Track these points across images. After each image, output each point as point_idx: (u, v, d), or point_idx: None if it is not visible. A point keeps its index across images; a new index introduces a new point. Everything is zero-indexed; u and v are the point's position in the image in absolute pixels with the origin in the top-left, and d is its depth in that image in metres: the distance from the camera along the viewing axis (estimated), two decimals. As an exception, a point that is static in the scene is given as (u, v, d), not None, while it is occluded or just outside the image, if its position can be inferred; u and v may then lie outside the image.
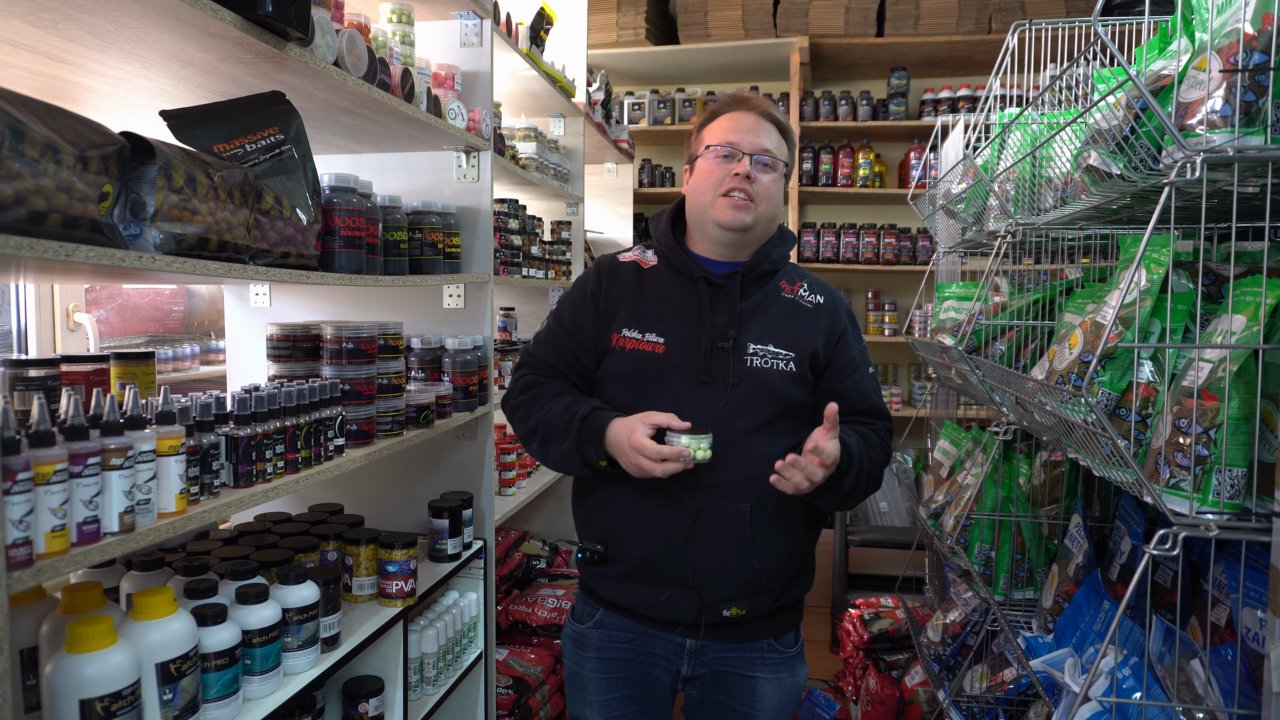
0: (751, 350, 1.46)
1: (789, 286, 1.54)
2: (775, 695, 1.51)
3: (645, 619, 1.51)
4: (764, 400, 1.44)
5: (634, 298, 1.52)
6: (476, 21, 2.10)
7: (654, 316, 1.49)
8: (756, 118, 1.49)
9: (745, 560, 1.43)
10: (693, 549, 1.43)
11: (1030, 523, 1.87)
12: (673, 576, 1.45)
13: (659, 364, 1.46)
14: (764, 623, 1.50)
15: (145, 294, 2.28)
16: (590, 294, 1.54)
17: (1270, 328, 1.07)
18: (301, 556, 1.57)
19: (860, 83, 4.61)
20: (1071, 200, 1.42)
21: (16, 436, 0.89)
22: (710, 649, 1.50)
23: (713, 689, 1.52)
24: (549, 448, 1.47)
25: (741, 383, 1.44)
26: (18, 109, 0.84)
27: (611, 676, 1.53)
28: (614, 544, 1.49)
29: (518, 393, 1.55)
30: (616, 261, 1.58)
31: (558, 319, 1.58)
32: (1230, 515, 1.05)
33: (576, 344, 1.53)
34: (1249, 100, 1.00)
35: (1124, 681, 1.22)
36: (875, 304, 4.38)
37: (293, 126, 1.38)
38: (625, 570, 1.49)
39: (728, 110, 1.51)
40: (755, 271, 1.51)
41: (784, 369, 1.47)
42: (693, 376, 1.44)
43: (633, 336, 1.48)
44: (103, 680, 1.01)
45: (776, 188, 1.50)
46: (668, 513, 1.43)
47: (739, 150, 1.46)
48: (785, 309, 1.52)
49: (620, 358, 1.49)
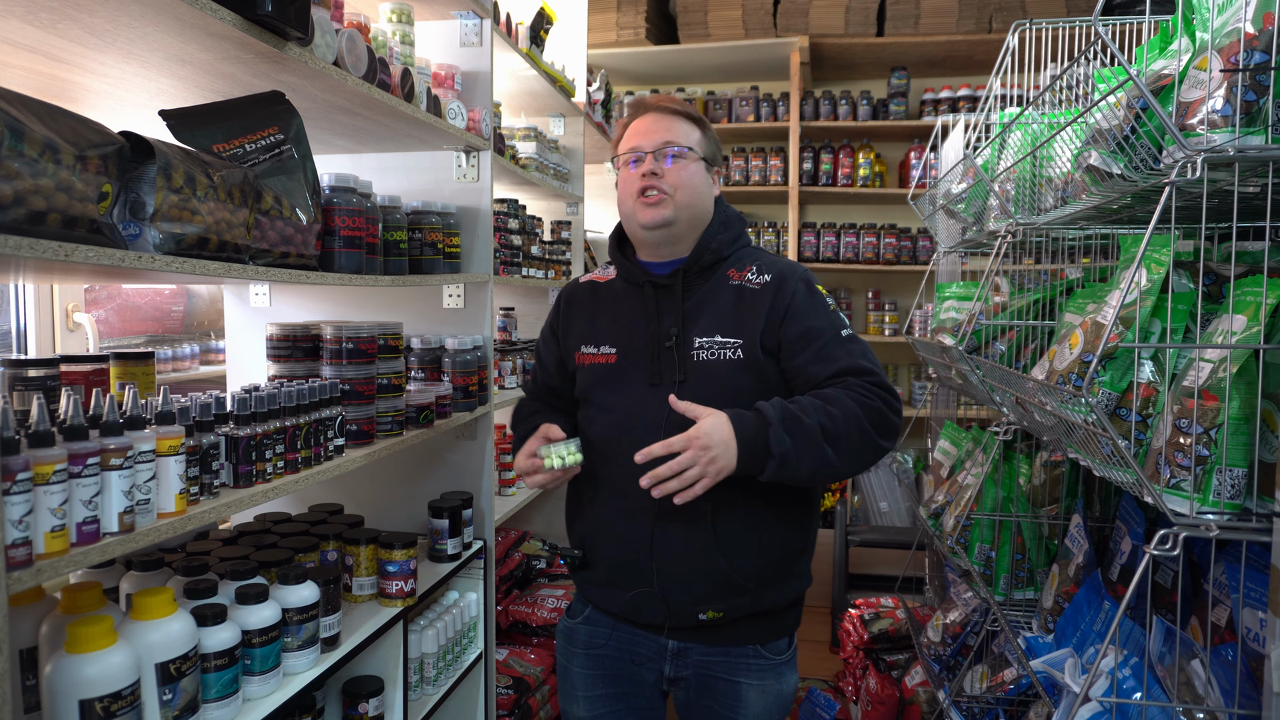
0: (698, 344, 1.44)
1: (737, 273, 1.50)
2: (760, 702, 1.48)
3: (626, 620, 1.52)
4: (713, 393, 1.39)
5: (589, 315, 1.58)
6: (476, 21, 2.10)
7: (608, 329, 1.53)
8: (655, 115, 1.50)
9: (712, 560, 1.41)
10: (657, 551, 1.42)
11: (1030, 523, 1.87)
12: (642, 579, 1.45)
13: (614, 373, 1.49)
14: (747, 626, 1.47)
15: (145, 294, 2.28)
16: (550, 326, 1.65)
17: (1271, 328, 1.07)
18: (301, 556, 1.57)
19: (860, 82, 4.61)
20: (1072, 200, 1.42)
21: (16, 436, 0.89)
22: (693, 651, 1.49)
23: (698, 692, 1.50)
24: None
25: (689, 378, 1.43)
26: (17, 109, 0.84)
27: (598, 673, 1.54)
28: (590, 549, 1.52)
29: (514, 420, 1.68)
30: (576, 284, 1.66)
31: (536, 352, 1.70)
32: (1231, 515, 1.05)
33: (548, 375, 1.64)
34: (1250, 100, 1.00)
35: (1124, 682, 1.22)
36: (875, 304, 4.38)
37: (292, 126, 1.38)
38: (602, 575, 1.51)
39: (631, 119, 1.54)
40: (698, 264, 1.49)
41: (731, 358, 1.42)
42: (643, 379, 1.46)
43: (590, 352, 1.54)
44: (102, 680, 1.01)
45: (691, 174, 1.47)
46: (632, 516, 1.44)
47: (642, 150, 1.47)
48: (731, 296, 1.47)
49: (584, 374, 1.54)
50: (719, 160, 1.57)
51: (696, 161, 1.49)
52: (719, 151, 1.57)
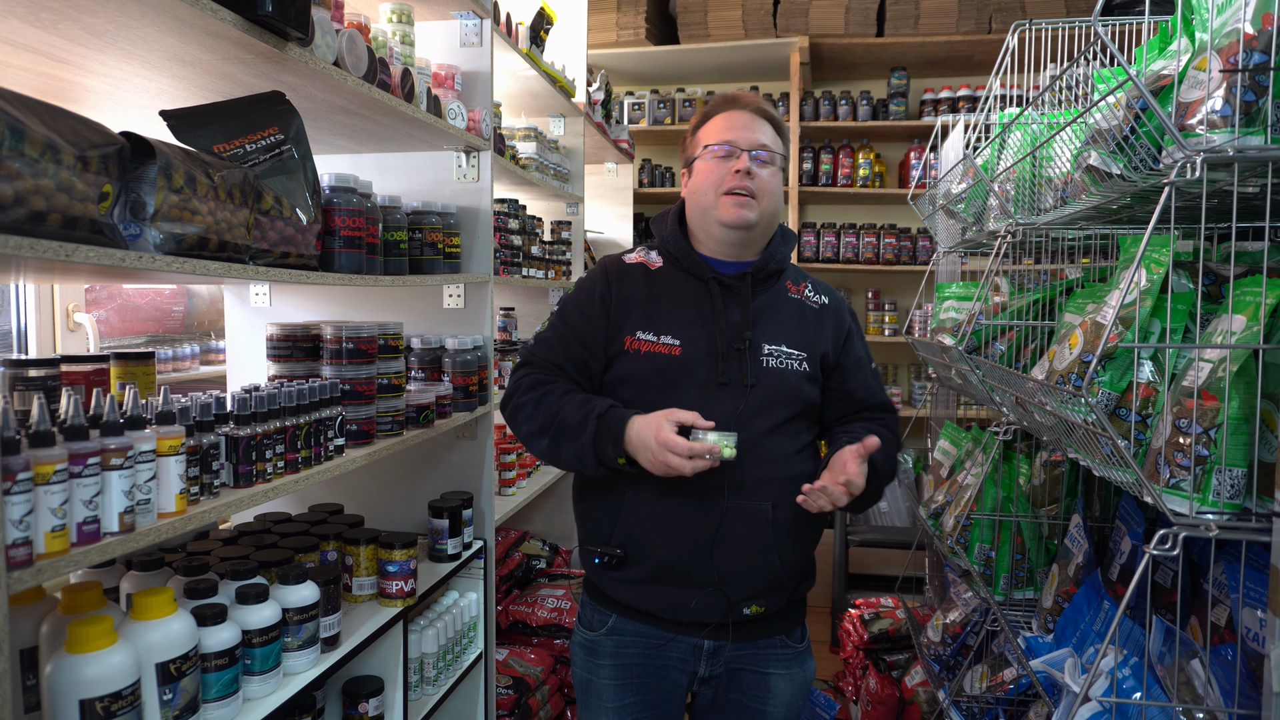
0: (766, 351, 1.47)
1: (794, 287, 1.56)
2: (788, 690, 1.52)
3: (665, 622, 1.48)
4: (782, 400, 1.46)
5: (646, 300, 1.50)
6: (476, 21, 2.10)
7: (668, 318, 1.47)
8: (751, 115, 1.49)
9: (768, 559, 1.44)
10: (718, 550, 1.43)
11: (1030, 523, 1.87)
12: (697, 578, 1.44)
13: (676, 366, 1.44)
14: (778, 619, 1.52)
15: (145, 294, 2.28)
16: (600, 297, 1.51)
17: (1270, 328, 1.07)
18: (301, 556, 1.57)
19: (860, 83, 4.61)
20: (1071, 200, 1.42)
21: (16, 436, 0.89)
22: (727, 648, 1.50)
23: (726, 687, 1.52)
24: (561, 446, 1.42)
25: (759, 383, 1.45)
26: (18, 109, 0.84)
27: (627, 682, 1.51)
28: (634, 547, 1.46)
29: (522, 391, 1.50)
30: (623, 263, 1.55)
31: (563, 320, 1.54)
32: (1230, 515, 1.05)
33: (584, 346, 1.50)
34: (1249, 100, 1.00)
35: (1124, 681, 1.22)
36: (875, 304, 4.37)
37: (293, 126, 1.38)
38: (646, 573, 1.46)
39: (722, 110, 1.51)
40: (764, 271, 1.51)
41: (798, 369, 1.48)
42: (711, 378, 1.44)
43: (648, 339, 1.46)
44: (103, 680, 1.01)
45: (776, 182, 1.50)
46: (693, 514, 1.42)
47: (737, 147, 1.45)
48: (794, 309, 1.53)
49: (635, 360, 1.46)
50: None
51: (779, 171, 1.51)
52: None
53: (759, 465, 1.43)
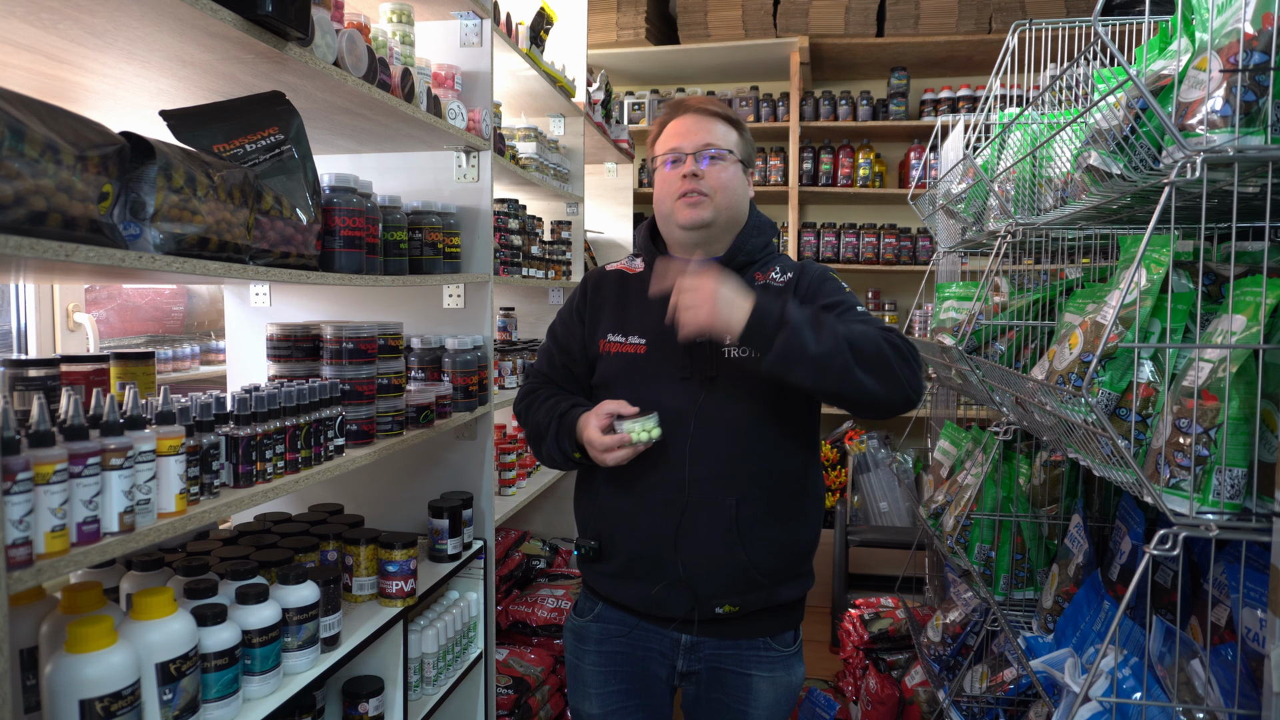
0: (729, 341, 1.45)
1: (761, 275, 1.54)
2: (770, 694, 1.52)
3: (641, 614, 1.52)
4: (744, 391, 1.45)
5: (617, 303, 1.57)
6: (476, 21, 2.10)
7: (637, 320, 1.53)
8: (695, 117, 1.51)
9: (734, 555, 1.44)
10: (682, 544, 1.44)
11: (1030, 523, 1.87)
12: (664, 572, 1.46)
13: (641, 364, 1.50)
14: (759, 620, 1.51)
15: (145, 294, 2.28)
16: (576, 308, 1.62)
17: (1270, 328, 1.07)
18: (301, 556, 1.57)
19: (860, 83, 4.61)
20: (1071, 200, 1.42)
21: (16, 436, 0.89)
22: (706, 645, 1.51)
23: (709, 685, 1.53)
24: (540, 445, 1.54)
25: (721, 375, 1.45)
26: (18, 109, 0.84)
27: (610, 669, 1.55)
28: (607, 540, 1.52)
29: (519, 399, 1.64)
30: (603, 272, 1.65)
31: (552, 334, 1.66)
32: (1230, 515, 1.05)
33: (568, 356, 1.61)
34: (1249, 100, 1.00)
35: (1124, 681, 1.22)
36: (875, 304, 4.38)
37: (293, 126, 1.38)
38: (619, 566, 1.51)
39: (670, 119, 1.54)
40: (731, 265, 1.51)
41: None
42: (674, 373, 1.47)
43: (616, 340, 1.53)
44: (103, 680, 1.01)
45: (731, 177, 1.49)
46: (656, 508, 1.45)
47: (682, 152, 1.48)
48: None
49: (608, 361, 1.54)
50: (754, 162, 1.59)
51: (735, 164, 1.51)
52: (754, 153, 1.59)
53: (722, 460, 1.43)
